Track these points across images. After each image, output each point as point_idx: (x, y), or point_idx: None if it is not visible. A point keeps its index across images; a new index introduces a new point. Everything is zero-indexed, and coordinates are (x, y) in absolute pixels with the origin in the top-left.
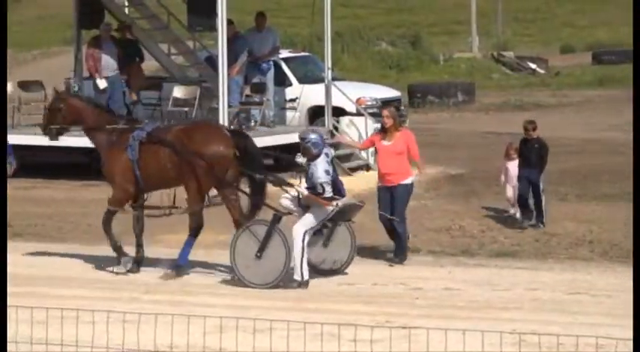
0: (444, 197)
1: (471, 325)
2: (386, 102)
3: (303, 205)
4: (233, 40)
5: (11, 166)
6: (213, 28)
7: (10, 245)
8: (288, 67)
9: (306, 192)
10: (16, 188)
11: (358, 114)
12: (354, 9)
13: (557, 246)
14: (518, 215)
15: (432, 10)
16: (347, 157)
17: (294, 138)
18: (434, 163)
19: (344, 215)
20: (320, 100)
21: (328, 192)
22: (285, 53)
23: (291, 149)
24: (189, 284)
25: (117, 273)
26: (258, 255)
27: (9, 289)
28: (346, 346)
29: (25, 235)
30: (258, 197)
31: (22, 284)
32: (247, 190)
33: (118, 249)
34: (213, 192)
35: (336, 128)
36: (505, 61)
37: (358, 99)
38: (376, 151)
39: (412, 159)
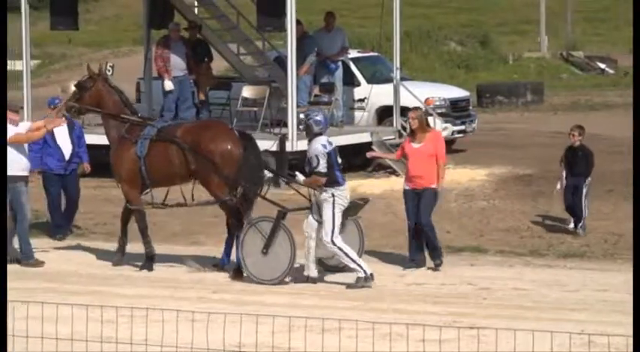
0: (513, 197)
1: (539, 326)
2: (454, 102)
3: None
4: (302, 40)
5: (81, 165)
6: (282, 28)
7: (79, 244)
8: (357, 67)
9: (302, 178)
10: (85, 187)
11: (427, 114)
12: (423, 9)
13: (626, 246)
14: (571, 225)
15: (501, 10)
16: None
17: (362, 138)
18: (502, 163)
19: (349, 211)
20: (388, 100)
21: (322, 165)
22: (353, 53)
23: (360, 149)
24: (257, 283)
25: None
26: (265, 251)
27: (79, 287)
28: (414, 346)
29: (93, 234)
30: (246, 204)
31: (90, 283)
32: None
33: (121, 248)
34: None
35: (404, 128)
36: (574, 60)
37: (427, 99)
38: (406, 156)
39: (438, 160)
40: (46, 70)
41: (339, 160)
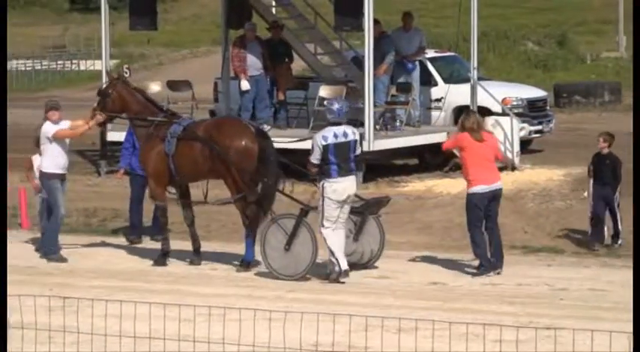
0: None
1: (616, 327)
2: (531, 102)
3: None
4: (379, 39)
5: None
6: (359, 28)
7: (155, 243)
8: (434, 67)
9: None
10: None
11: (504, 114)
12: (500, 9)
13: None
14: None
15: (579, 10)
16: None
17: (439, 138)
18: (579, 163)
19: (371, 209)
20: (465, 100)
21: (315, 156)
22: (431, 53)
23: (437, 149)
24: (332, 283)
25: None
26: (287, 247)
27: (157, 286)
28: (490, 346)
29: (174, 233)
30: (266, 201)
31: (167, 281)
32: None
33: (165, 253)
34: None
35: None
36: None
37: (504, 99)
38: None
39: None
40: None
41: (351, 157)
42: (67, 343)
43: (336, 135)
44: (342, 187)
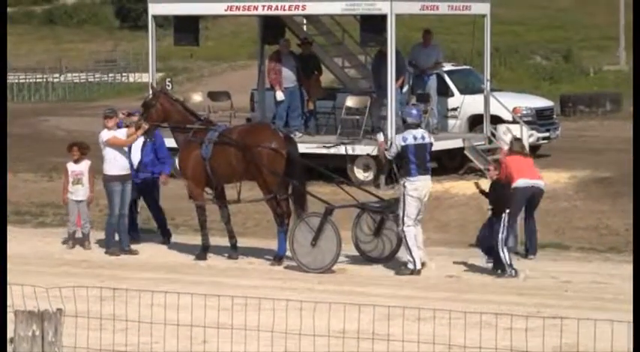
0: (593, 198)
1: (618, 316)
2: (539, 111)
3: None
4: (397, 55)
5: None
6: (383, 44)
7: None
8: (451, 79)
9: (381, 138)
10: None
11: (514, 122)
12: (511, 26)
13: None
14: (486, 260)
15: (583, 27)
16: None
17: (455, 144)
18: (583, 167)
19: (390, 208)
20: (479, 109)
21: (392, 151)
22: (448, 66)
23: (454, 153)
24: (357, 276)
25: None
26: (313, 243)
27: (199, 278)
28: (502, 334)
29: (214, 230)
30: (300, 199)
31: (208, 274)
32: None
33: (205, 247)
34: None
35: (493, 134)
36: None
37: (514, 109)
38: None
39: None
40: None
41: (427, 157)
42: (116, 330)
43: (415, 137)
44: (422, 185)
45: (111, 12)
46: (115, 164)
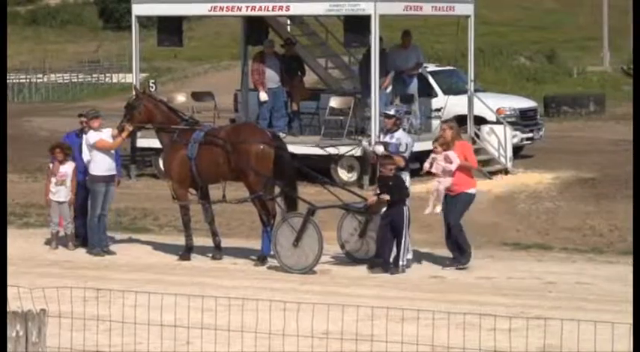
0: (576, 199)
1: (601, 317)
2: (523, 112)
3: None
4: (381, 56)
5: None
6: (366, 45)
7: (178, 239)
8: (434, 80)
9: (380, 150)
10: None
11: (498, 122)
12: (495, 27)
13: None
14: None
15: (567, 28)
16: (487, 162)
17: None
18: (567, 168)
19: (373, 208)
20: (463, 110)
21: (408, 151)
22: (431, 67)
23: None
24: (341, 276)
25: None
26: (295, 243)
27: (182, 279)
28: (486, 334)
29: (198, 230)
30: (289, 198)
31: (190, 274)
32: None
33: (189, 248)
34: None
35: (477, 135)
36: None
37: (498, 109)
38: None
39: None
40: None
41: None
42: (99, 330)
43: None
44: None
45: (94, 12)
46: (101, 165)
